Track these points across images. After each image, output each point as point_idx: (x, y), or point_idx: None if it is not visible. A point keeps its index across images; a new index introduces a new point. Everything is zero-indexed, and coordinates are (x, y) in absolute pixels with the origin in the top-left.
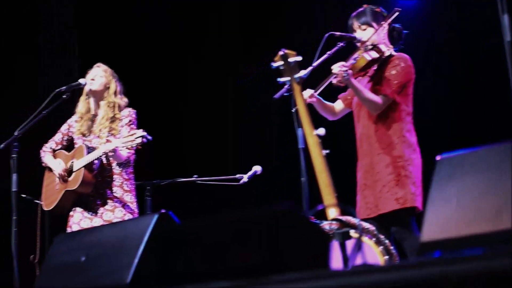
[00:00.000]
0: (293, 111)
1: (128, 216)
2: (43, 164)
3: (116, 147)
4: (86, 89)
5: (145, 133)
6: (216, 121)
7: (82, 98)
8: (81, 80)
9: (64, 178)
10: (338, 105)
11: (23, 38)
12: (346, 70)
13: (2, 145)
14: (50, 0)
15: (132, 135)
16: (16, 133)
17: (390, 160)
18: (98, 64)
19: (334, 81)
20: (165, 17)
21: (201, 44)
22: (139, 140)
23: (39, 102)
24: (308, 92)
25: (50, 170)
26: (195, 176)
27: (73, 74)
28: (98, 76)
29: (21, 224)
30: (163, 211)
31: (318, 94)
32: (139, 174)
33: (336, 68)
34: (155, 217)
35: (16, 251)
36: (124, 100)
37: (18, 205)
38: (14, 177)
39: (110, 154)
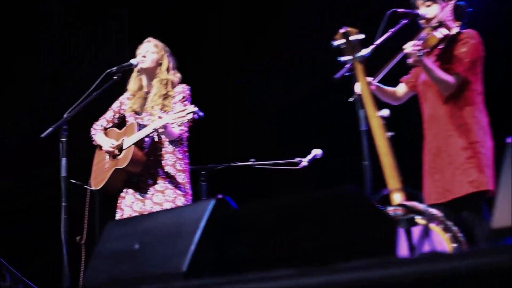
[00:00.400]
0: (351, 100)
1: (180, 198)
2: (93, 142)
3: (167, 123)
4: (137, 67)
5: (196, 109)
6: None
7: (134, 75)
8: (132, 61)
9: (113, 154)
10: (401, 88)
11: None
12: (420, 49)
13: (51, 128)
14: None
15: (183, 110)
16: (65, 116)
17: (463, 142)
18: (148, 38)
19: (410, 61)
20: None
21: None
22: (190, 116)
23: (88, 84)
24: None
25: (101, 148)
26: (252, 160)
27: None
28: (149, 52)
29: (70, 210)
30: (220, 196)
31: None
32: (193, 158)
33: (409, 47)
34: (212, 202)
35: (65, 238)
36: (177, 76)
37: (67, 191)
38: (64, 161)
39: (160, 130)
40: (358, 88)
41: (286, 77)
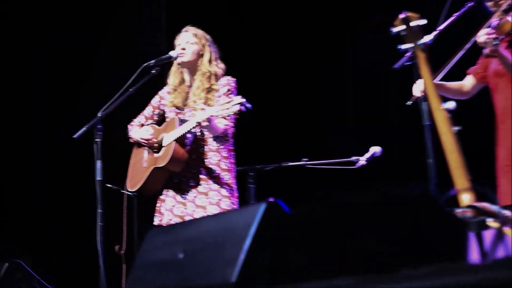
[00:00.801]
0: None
1: (225, 201)
2: (130, 140)
3: (211, 116)
4: (177, 61)
5: (243, 100)
6: (325, 95)
7: (174, 69)
8: (171, 53)
9: (151, 146)
10: (468, 81)
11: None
12: (496, 38)
13: (84, 128)
14: None
15: (228, 102)
16: (99, 114)
17: None
18: (187, 28)
19: (486, 51)
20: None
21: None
22: (236, 108)
23: (123, 78)
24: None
25: (139, 146)
26: (304, 159)
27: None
28: (188, 43)
29: (106, 217)
30: (271, 199)
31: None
32: (240, 158)
33: (483, 36)
34: (263, 206)
35: (102, 248)
36: (220, 67)
37: (103, 196)
38: (98, 164)
39: (204, 124)
40: (417, 90)
41: (342, 66)
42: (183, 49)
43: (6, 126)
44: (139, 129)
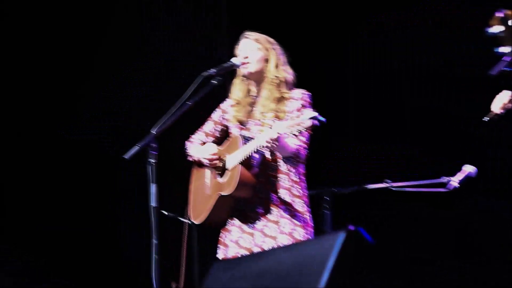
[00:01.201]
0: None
1: (299, 230)
2: (189, 158)
3: (280, 133)
4: (241, 72)
5: (316, 114)
6: (408, 108)
7: (237, 81)
8: (234, 60)
9: (214, 167)
10: None
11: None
12: None
13: (136, 147)
14: None
15: (299, 116)
16: (153, 131)
17: None
18: (246, 34)
19: None
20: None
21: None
22: (308, 123)
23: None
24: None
25: (199, 166)
26: (388, 181)
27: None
28: (250, 51)
29: (162, 248)
30: (351, 227)
31: None
32: (313, 180)
33: None
34: (341, 236)
35: (157, 285)
36: (289, 72)
37: (158, 225)
38: (153, 188)
39: (272, 143)
40: (498, 105)
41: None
42: (246, 57)
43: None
44: (200, 147)
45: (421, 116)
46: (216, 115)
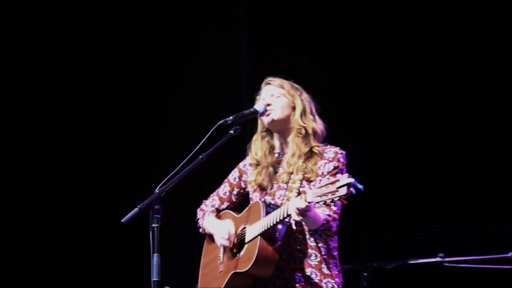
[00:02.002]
0: None
1: None
2: (200, 230)
3: (309, 202)
4: (264, 121)
5: (352, 180)
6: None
7: (258, 137)
8: (257, 106)
9: (229, 249)
10: None
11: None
12: None
13: (135, 209)
14: None
15: (332, 183)
16: (156, 191)
17: None
18: (269, 79)
19: None
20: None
21: None
22: (343, 192)
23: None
24: None
25: (211, 239)
26: (441, 255)
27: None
28: (274, 97)
29: None
30: None
31: None
32: (349, 252)
33: None
34: None
35: None
36: (319, 124)
37: None
38: (155, 259)
39: (299, 215)
40: None
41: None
42: (269, 104)
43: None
44: (214, 220)
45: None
46: (233, 176)
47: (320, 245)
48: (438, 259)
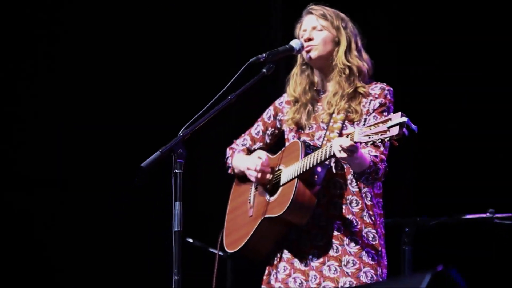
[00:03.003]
0: None
1: (369, 272)
2: (229, 171)
3: (355, 142)
4: (303, 57)
5: (406, 119)
6: None
7: (297, 71)
8: (293, 43)
9: (264, 184)
10: None
11: None
12: None
13: (157, 153)
14: None
15: (382, 122)
16: (181, 133)
17: None
18: (311, 7)
19: None
20: None
21: None
22: (394, 131)
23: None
24: None
25: (241, 181)
26: (491, 210)
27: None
28: (316, 30)
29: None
30: (439, 268)
31: None
32: (390, 204)
33: None
34: (426, 278)
35: None
36: (366, 60)
37: (182, 256)
38: (177, 207)
39: (343, 155)
40: None
41: None
42: (310, 39)
43: None
44: (244, 156)
45: None
46: (267, 114)
47: (363, 190)
48: (488, 214)
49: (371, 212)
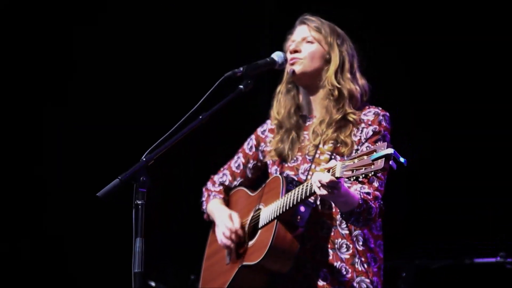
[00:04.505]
0: None
1: None
2: (204, 216)
3: (340, 177)
4: (287, 71)
5: (391, 151)
6: None
7: (282, 89)
8: (275, 56)
9: (239, 241)
10: None
11: None
12: None
13: (115, 181)
14: None
15: (367, 154)
16: (143, 158)
17: None
18: (306, 17)
19: None
20: None
21: None
22: (379, 165)
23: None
24: None
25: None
26: (502, 254)
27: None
28: (305, 42)
29: None
30: None
31: None
32: (388, 246)
33: None
34: None
35: None
36: (361, 84)
37: None
38: (138, 244)
39: (323, 192)
40: None
41: None
42: (296, 51)
43: None
44: (219, 205)
45: None
46: (249, 145)
47: (355, 233)
48: (498, 259)
49: (363, 259)
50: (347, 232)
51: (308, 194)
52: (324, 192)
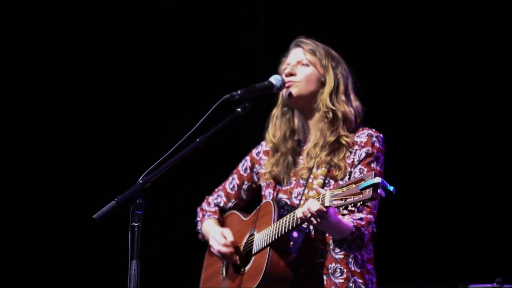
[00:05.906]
0: None
1: None
2: (199, 236)
3: (329, 205)
4: (283, 95)
5: (379, 180)
6: None
7: (277, 112)
8: (273, 79)
9: (233, 262)
10: None
11: None
12: None
13: (111, 203)
14: None
15: (355, 182)
16: (140, 181)
17: None
18: (300, 40)
19: None
20: None
21: None
22: (367, 195)
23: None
24: None
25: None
26: (498, 280)
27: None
28: (301, 65)
29: None
30: None
31: None
32: (383, 271)
33: None
34: None
35: None
36: (353, 106)
37: None
38: (134, 266)
39: (315, 221)
40: None
41: None
42: (291, 74)
43: None
44: (213, 225)
45: None
46: (244, 166)
47: (349, 260)
48: (495, 284)
49: (358, 283)
50: (341, 256)
51: (299, 222)
52: (313, 221)
